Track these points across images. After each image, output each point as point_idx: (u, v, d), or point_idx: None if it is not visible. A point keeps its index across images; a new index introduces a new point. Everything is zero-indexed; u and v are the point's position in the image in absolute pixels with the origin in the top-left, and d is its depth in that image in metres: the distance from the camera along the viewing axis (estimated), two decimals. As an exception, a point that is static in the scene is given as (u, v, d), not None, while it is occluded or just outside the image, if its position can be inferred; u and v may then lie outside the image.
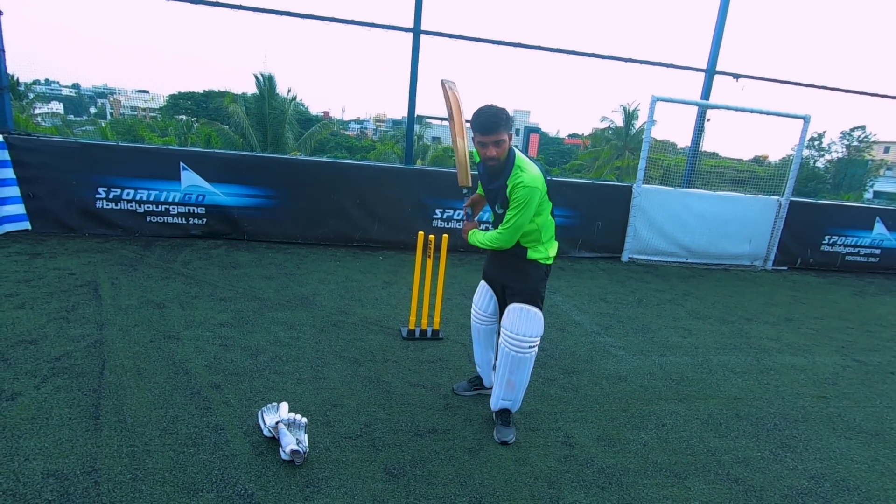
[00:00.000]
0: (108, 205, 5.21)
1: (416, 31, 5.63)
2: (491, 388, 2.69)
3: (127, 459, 2.01)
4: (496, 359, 2.59)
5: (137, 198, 5.25)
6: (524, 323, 2.29)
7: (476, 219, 2.67)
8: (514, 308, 2.32)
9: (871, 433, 2.80)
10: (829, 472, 2.40)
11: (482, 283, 2.60)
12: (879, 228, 7.24)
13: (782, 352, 3.92)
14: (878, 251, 7.33)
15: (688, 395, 3.05)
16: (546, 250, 2.35)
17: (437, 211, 5.95)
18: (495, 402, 2.46)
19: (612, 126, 27.16)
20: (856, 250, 7.26)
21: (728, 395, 3.10)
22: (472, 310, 2.65)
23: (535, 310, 2.30)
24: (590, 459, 2.32)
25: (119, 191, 5.20)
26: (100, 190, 5.16)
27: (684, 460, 2.38)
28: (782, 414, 2.93)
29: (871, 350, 4.17)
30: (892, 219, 7.25)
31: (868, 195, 28.82)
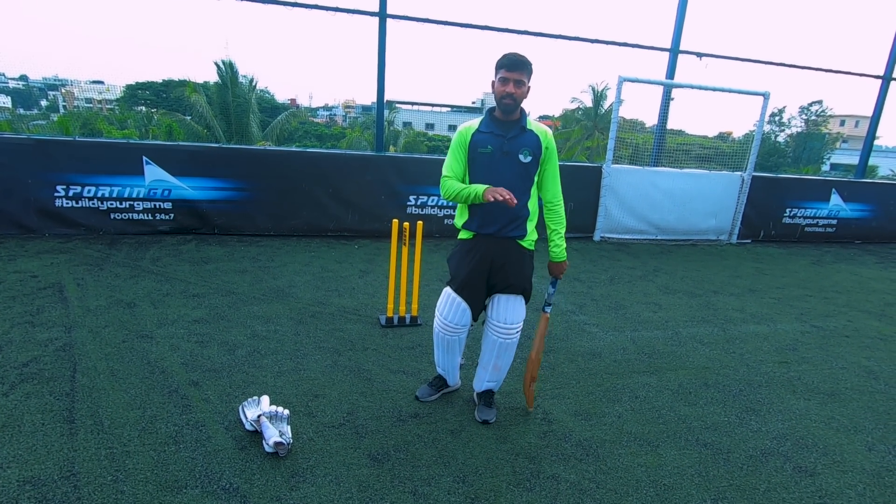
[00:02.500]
0: (68, 203, 5.01)
1: (382, 15, 5.53)
2: (456, 386, 2.68)
3: (106, 461, 1.99)
4: (463, 357, 2.61)
5: (99, 195, 5.07)
6: (512, 312, 2.32)
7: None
8: (501, 299, 2.33)
9: (827, 393, 2.98)
10: (790, 432, 2.55)
11: (453, 295, 2.33)
12: (835, 199, 7.58)
13: (747, 321, 4.11)
14: (834, 221, 7.68)
15: (659, 367, 3.18)
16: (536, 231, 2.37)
17: (412, 198, 5.94)
18: (480, 384, 2.50)
19: (581, 107, 27.40)
20: (814, 221, 7.59)
21: (697, 365, 3.24)
22: (441, 323, 2.39)
23: (520, 297, 2.35)
24: (568, 433, 2.40)
25: (79, 188, 5.01)
26: (58, 188, 4.96)
27: (657, 429, 2.49)
28: (747, 380, 3.08)
29: (828, 316, 4.40)
30: (847, 190, 7.60)
31: (826, 168, 29.99)
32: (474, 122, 2.28)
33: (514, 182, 2.19)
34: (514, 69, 2.13)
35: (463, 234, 2.37)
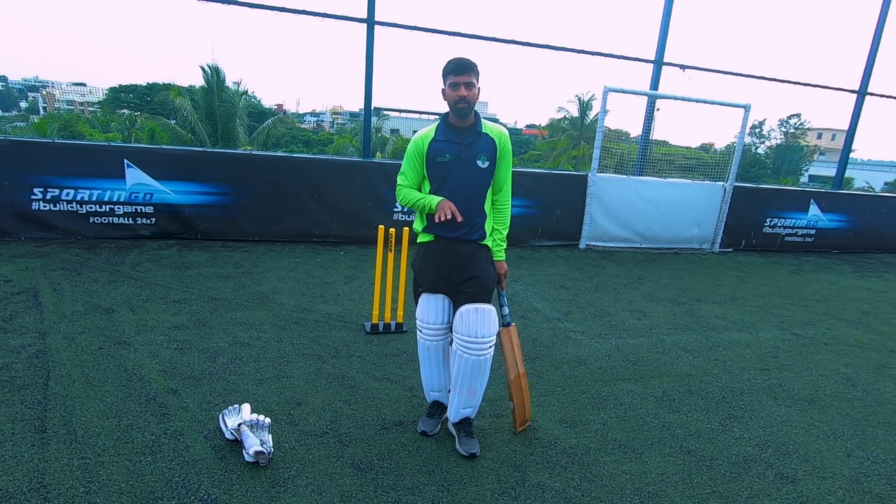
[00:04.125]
0: (45, 206, 4.90)
1: (370, 22, 5.54)
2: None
3: (79, 472, 1.92)
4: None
5: (78, 198, 4.96)
6: (481, 324, 2.16)
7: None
8: (467, 310, 2.17)
9: (807, 400, 3.03)
10: (772, 439, 2.58)
11: (426, 296, 2.30)
12: (814, 210, 7.76)
13: (729, 329, 4.16)
14: (813, 231, 7.85)
15: (643, 374, 3.19)
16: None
17: (398, 204, 5.92)
18: (455, 414, 2.29)
19: (568, 116, 27.73)
20: (794, 231, 7.75)
21: (680, 373, 3.26)
22: (421, 328, 2.31)
23: (488, 307, 2.20)
24: (553, 441, 2.39)
25: (57, 191, 4.89)
26: (35, 191, 4.84)
27: (641, 436, 2.50)
28: (729, 387, 3.11)
29: (807, 324, 4.48)
30: (825, 201, 7.79)
31: (804, 179, 30.74)
32: (429, 130, 2.24)
33: (473, 188, 2.20)
34: (461, 72, 2.12)
35: (423, 238, 2.32)
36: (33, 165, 4.80)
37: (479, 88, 2.19)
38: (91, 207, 5.01)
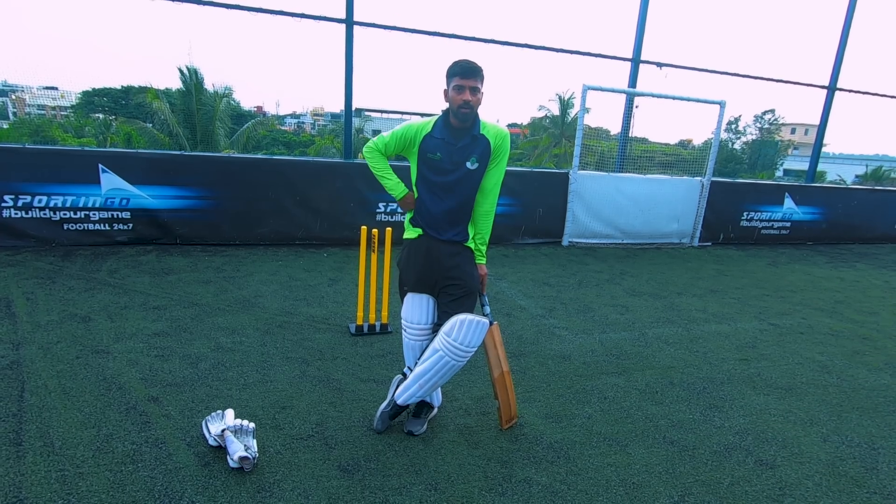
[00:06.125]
0: (16, 213, 4.76)
1: (349, 22, 5.52)
2: (438, 406, 2.51)
3: (57, 485, 1.88)
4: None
5: (52, 204, 4.83)
6: (475, 335, 2.14)
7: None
8: (465, 321, 2.13)
9: (785, 388, 3.10)
10: (751, 427, 2.64)
11: (411, 296, 2.33)
12: (788, 203, 7.96)
13: (709, 321, 4.24)
14: (788, 224, 8.06)
15: (627, 367, 3.24)
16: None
17: (381, 205, 5.90)
18: (408, 398, 2.27)
19: (549, 115, 27.93)
20: (770, 224, 7.94)
21: (662, 365, 3.32)
22: (407, 328, 2.34)
23: (484, 320, 2.18)
24: (539, 437, 2.41)
25: (29, 198, 4.76)
26: (6, 198, 4.70)
27: (625, 429, 2.54)
28: (710, 378, 3.18)
29: (784, 314, 4.59)
30: (799, 194, 7.99)
31: (779, 173, 31.49)
32: (427, 123, 2.22)
33: (459, 189, 2.21)
34: (468, 76, 2.10)
35: (409, 233, 2.34)
36: (3, 172, 4.67)
37: (482, 94, 2.16)
38: (65, 214, 4.89)
